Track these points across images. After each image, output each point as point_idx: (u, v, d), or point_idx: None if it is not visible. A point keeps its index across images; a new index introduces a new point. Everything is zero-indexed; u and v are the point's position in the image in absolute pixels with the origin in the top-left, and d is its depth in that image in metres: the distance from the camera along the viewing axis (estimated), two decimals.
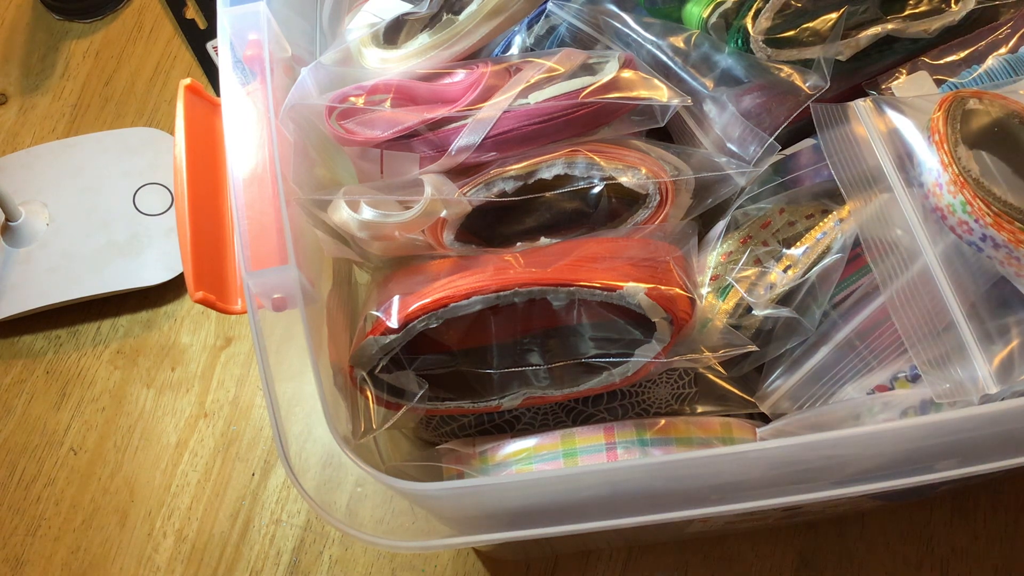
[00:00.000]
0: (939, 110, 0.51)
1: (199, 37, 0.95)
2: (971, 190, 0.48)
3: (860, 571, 0.73)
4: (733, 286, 0.55)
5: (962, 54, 0.59)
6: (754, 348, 0.55)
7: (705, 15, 0.56)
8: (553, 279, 0.52)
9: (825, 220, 0.56)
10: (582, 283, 0.52)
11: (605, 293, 0.52)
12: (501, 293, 0.52)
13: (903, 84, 0.58)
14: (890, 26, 0.57)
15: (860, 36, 0.57)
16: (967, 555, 0.73)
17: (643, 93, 0.54)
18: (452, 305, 0.52)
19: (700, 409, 0.62)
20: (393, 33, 0.59)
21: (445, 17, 0.57)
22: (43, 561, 0.79)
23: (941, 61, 0.59)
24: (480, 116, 0.53)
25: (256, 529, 0.78)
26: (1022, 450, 0.46)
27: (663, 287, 0.53)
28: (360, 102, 0.55)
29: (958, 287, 0.50)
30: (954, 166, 0.49)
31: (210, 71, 0.95)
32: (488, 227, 0.59)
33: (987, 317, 0.50)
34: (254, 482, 0.80)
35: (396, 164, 0.56)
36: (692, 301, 0.54)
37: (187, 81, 0.57)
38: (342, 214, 0.53)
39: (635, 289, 0.52)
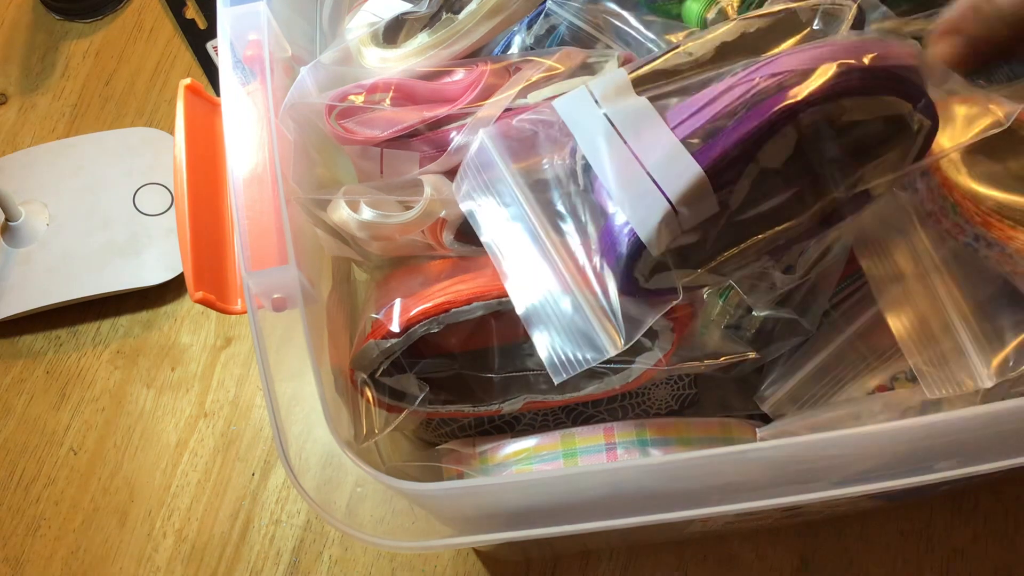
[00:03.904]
0: None
1: (199, 37, 0.95)
2: (960, 191, 0.48)
3: (860, 571, 0.73)
4: (733, 287, 0.55)
5: None
6: (755, 355, 0.55)
7: (706, 13, 0.56)
8: None
9: None
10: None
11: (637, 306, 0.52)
12: (503, 299, 0.52)
13: None
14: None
15: None
16: (967, 555, 0.73)
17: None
18: (454, 310, 0.52)
19: (700, 410, 0.62)
20: (393, 32, 0.59)
21: (444, 16, 0.57)
22: (43, 561, 0.79)
23: None
24: (480, 115, 0.53)
25: (256, 529, 0.78)
26: (1022, 450, 0.46)
27: None
28: (360, 101, 0.55)
29: (955, 288, 0.50)
30: (942, 168, 0.49)
31: (210, 71, 0.95)
32: None
33: (984, 319, 0.50)
34: (254, 482, 0.80)
35: (396, 163, 0.56)
36: (693, 307, 0.54)
37: (187, 81, 0.57)
38: (342, 214, 0.53)
39: None
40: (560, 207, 0.48)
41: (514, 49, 0.59)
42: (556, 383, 0.46)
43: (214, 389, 0.84)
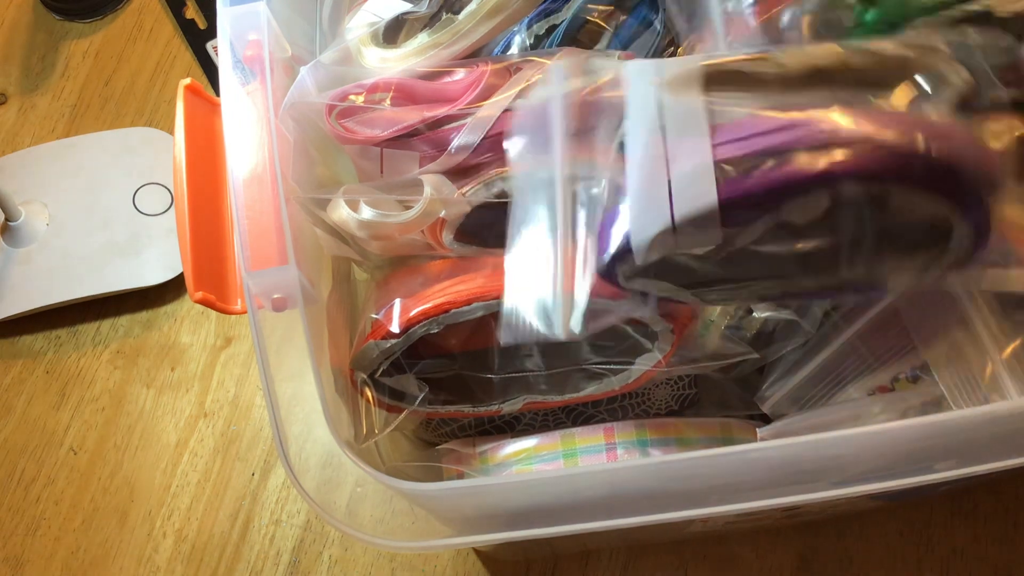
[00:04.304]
0: None
1: (199, 37, 0.95)
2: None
3: (860, 571, 0.73)
4: None
5: None
6: (755, 356, 0.55)
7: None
8: None
9: None
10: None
11: (606, 301, 0.52)
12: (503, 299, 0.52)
13: None
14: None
15: None
16: (967, 555, 0.73)
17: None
18: (454, 311, 0.52)
19: (700, 410, 0.62)
20: (393, 32, 0.59)
21: (445, 16, 0.57)
22: (43, 561, 0.79)
23: None
24: (480, 115, 0.53)
25: (256, 529, 0.78)
26: (1022, 450, 0.46)
27: None
28: (360, 101, 0.55)
29: (987, 311, 0.49)
30: None
31: (210, 71, 0.95)
32: (488, 227, 0.59)
33: (1000, 312, 0.49)
34: (254, 482, 0.80)
35: (396, 163, 0.56)
36: (694, 309, 0.54)
37: (187, 81, 0.57)
38: (341, 213, 0.53)
39: None
40: (587, 171, 0.45)
41: (514, 49, 0.59)
42: (502, 341, 0.45)
43: (214, 389, 0.84)
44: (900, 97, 0.43)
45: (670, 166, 0.42)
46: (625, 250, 0.43)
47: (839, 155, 0.39)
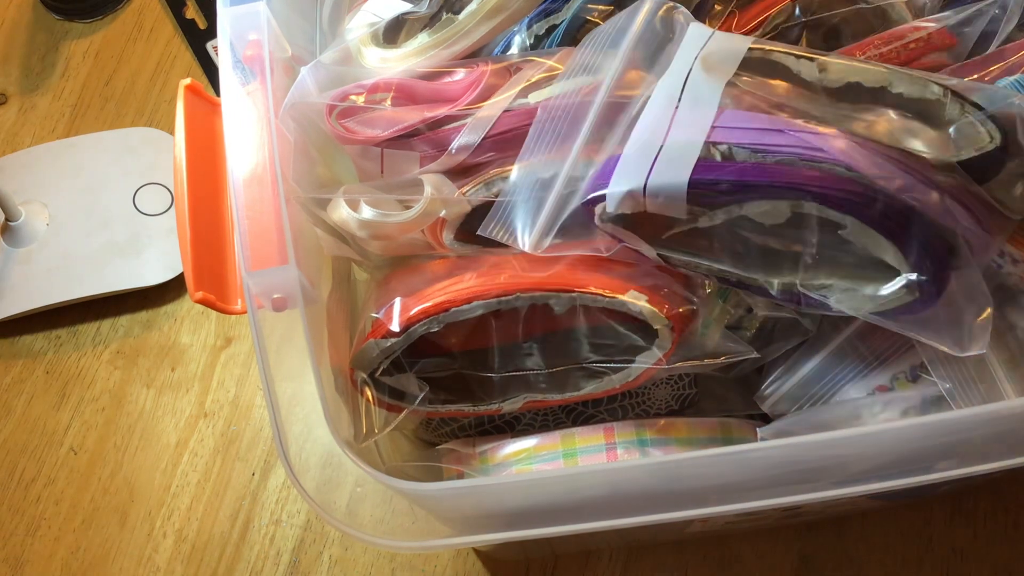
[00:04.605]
0: None
1: (199, 37, 0.95)
2: None
3: (860, 571, 0.73)
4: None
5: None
6: (755, 355, 0.55)
7: None
8: (555, 285, 0.52)
9: None
10: (583, 290, 0.52)
11: (607, 299, 0.52)
12: (503, 298, 0.52)
13: None
14: None
15: None
16: (967, 555, 0.73)
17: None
18: (453, 310, 0.52)
19: (700, 410, 0.62)
20: (393, 32, 0.59)
21: (445, 16, 0.57)
22: (43, 561, 0.79)
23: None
24: (480, 115, 0.53)
25: (256, 529, 0.78)
26: (1022, 450, 0.46)
27: (664, 292, 0.52)
28: (360, 101, 0.55)
29: None
30: None
31: (210, 71, 0.95)
32: None
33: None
34: (254, 482, 0.80)
35: (396, 163, 0.56)
36: (694, 308, 0.54)
37: (187, 81, 0.57)
38: (341, 213, 0.53)
39: (637, 296, 0.52)
40: (620, 116, 0.48)
41: (514, 49, 0.59)
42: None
43: (214, 389, 0.84)
44: (921, 135, 0.42)
45: (669, 133, 0.44)
46: (599, 197, 0.46)
47: (809, 173, 0.40)
